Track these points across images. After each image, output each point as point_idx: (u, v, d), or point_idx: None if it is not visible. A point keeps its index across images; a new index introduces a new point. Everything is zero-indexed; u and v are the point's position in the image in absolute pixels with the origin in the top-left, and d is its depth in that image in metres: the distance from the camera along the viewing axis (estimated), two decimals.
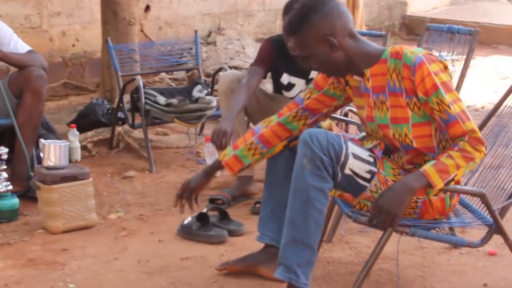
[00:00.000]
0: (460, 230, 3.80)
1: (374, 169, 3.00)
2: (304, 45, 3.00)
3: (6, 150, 4.17)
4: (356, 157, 2.96)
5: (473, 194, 3.12)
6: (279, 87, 4.61)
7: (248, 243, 3.72)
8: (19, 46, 4.53)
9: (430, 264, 3.56)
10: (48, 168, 3.98)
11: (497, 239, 3.28)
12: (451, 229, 3.46)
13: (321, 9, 2.95)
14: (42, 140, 4.10)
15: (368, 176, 2.99)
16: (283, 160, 3.28)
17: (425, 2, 11.06)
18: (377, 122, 3.06)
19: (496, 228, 3.11)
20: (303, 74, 4.48)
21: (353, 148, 2.97)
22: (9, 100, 4.39)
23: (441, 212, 3.11)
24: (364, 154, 3.00)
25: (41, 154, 4.08)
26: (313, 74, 4.44)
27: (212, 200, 4.38)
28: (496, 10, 11.57)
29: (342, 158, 2.93)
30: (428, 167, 2.88)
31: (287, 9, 4.31)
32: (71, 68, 7.32)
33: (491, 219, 3.11)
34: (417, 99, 2.93)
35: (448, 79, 2.92)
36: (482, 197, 3.02)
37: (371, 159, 3.01)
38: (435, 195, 3.04)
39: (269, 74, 4.60)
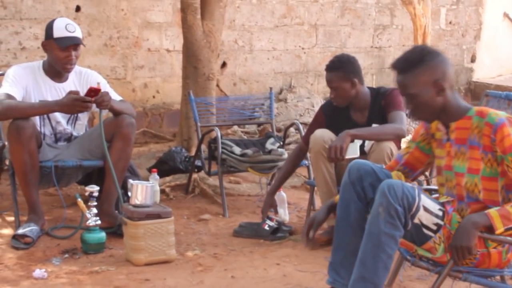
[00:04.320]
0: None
1: (441, 222, 3.31)
2: (413, 83, 3.32)
3: (98, 188, 4.60)
4: (426, 209, 3.28)
5: None
6: None
7: (313, 283, 4.04)
8: (112, 96, 4.99)
9: None
10: (135, 206, 4.38)
11: None
12: (502, 278, 3.72)
13: (436, 57, 3.33)
14: (130, 181, 4.49)
15: (434, 228, 3.31)
16: (356, 210, 3.54)
17: (491, 69, 11.27)
18: (455, 171, 3.39)
19: None
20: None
21: (425, 200, 3.29)
22: (101, 143, 4.83)
23: (497, 265, 3.38)
24: (434, 208, 3.32)
25: (129, 193, 4.47)
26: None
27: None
28: None
29: (414, 209, 3.25)
30: (492, 210, 3.20)
31: (332, 64, 4.66)
32: (151, 118, 7.79)
33: None
34: (492, 156, 3.26)
35: None
36: None
37: (440, 213, 3.33)
38: (494, 247, 3.32)
39: None
